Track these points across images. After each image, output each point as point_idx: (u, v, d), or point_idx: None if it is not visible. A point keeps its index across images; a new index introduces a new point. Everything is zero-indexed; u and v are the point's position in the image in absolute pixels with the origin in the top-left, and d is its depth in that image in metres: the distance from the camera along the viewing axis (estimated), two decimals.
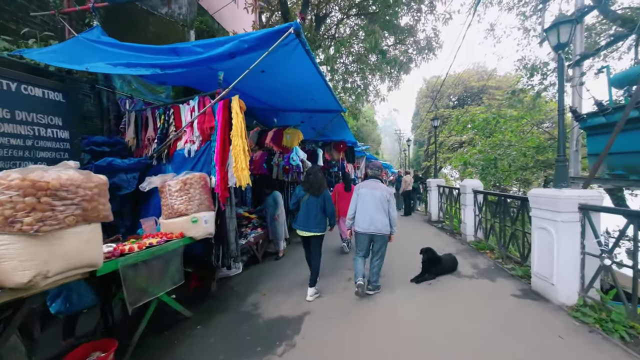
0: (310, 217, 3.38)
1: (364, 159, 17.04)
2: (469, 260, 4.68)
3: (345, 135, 9.32)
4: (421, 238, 6.39)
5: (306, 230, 3.40)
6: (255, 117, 7.17)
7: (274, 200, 4.86)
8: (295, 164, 5.35)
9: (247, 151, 3.16)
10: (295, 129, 5.72)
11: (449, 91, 22.84)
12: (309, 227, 3.38)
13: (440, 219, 8.28)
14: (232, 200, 3.38)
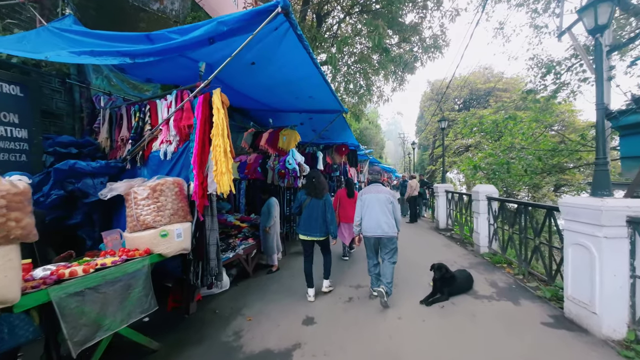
0: (313, 221, 3.37)
1: (367, 163, 16.58)
2: (485, 276, 4.15)
3: (347, 137, 8.89)
4: (429, 248, 5.86)
5: (309, 235, 3.39)
6: (253, 118, 6.78)
7: (267, 209, 4.41)
8: (291, 167, 4.90)
9: (230, 152, 2.73)
10: (292, 130, 5.29)
11: (454, 94, 22.33)
12: (312, 232, 3.37)
13: (448, 227, 7.74)
14: (212, 209, 2.93)
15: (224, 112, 2.72)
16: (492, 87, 20.36)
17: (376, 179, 3.72)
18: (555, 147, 8.18)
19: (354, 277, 4.32)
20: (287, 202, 5.31)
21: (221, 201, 5.75)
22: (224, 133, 2.70)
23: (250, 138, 5.61)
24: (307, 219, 3.40)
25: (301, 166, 5.01)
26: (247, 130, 5.70)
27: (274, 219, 4.39)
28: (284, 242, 5.45)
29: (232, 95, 5.30)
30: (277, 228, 4.51)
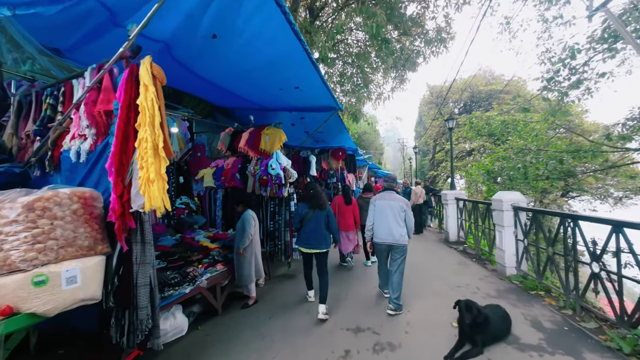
0: (318, 234, 3.31)
1: (366, 169, 15.69)
2: (522, 310, 3.22)
3: (344, 141, 8.04)
4: (442, 267, 4.92)
5: (313, 248, 3.32)
6: (238, 119, 5.93)
7: (242, 226, 3.49)
8: (274, 173, 4.01)
9: (165, 150, 1.84)
10: (277, 128, 4.42)
11: (454, 97, 21.72)
12: (317, 245, 3.30)
13: (460, 239, 6.81)
14: (144, 234, 2.02)
15: (155, 92, 1.84)
16: (494, 90, 19.72)
17: (391, 186, 3.62)
18: (578, 148, 7.35)
19: (352, 308, 3.38)
20: (270, 215, 4.40)
21: (194, 214, 4.85)
22: (153, 121, 1.81)
23: (227, 139, 4.73)
24: (311, 232, 3.32)
25: (287, 172, 4.12)
26: (225, 130, 4.83)
27: (250, 238, 3.47)
28: (267, 263, 4.51)
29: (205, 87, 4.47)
30: (255, 249, 3.58)
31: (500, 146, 11.77)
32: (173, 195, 4.51)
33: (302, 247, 3.38)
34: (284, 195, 4.15)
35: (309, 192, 3.48)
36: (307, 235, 3.33)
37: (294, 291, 4.04)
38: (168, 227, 4.31)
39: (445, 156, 21.90)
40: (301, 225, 3.39)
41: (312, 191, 3.45)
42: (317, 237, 3.30)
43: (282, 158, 4.20)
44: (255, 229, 3.59)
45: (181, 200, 4.71)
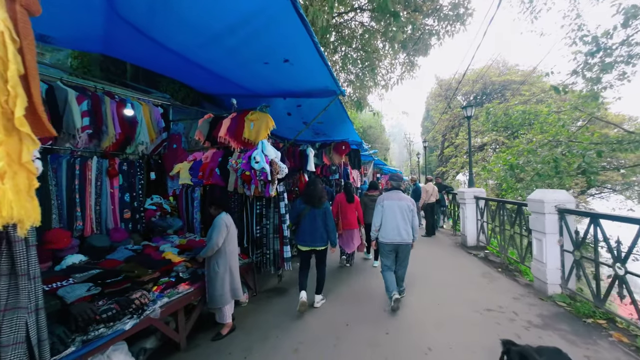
0: (314, 231, 3.29)
1: (371, 165, 14.84)
2: (585, 351, 2.39)
3: (347, 133, 7.24)
4: (463, 281, 4.10)
5: (310, 245, 3.32)
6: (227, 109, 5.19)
7: (210, 232, 2.74)
8: (259, 167, 3.23)
9: (32, 122, 1.07)
10: (263, 112, 3.63)
11: (465, 89, 20.55)
12: (313, 242, 3.30)
13: (480, 244, 5.95)
14: (14, 262, 1.26)
15: (9, 21, 1.06)
16: (508, 81, 18.51)
17: (399, 185, 3.63)
18: (620, 139, 6.37)
19: None
20: (256, 219, 3.63)
21: (168, 217, 4.11)
22: (5, 72, 1.04)
23: (206, 127, 3.96)
24: (308, 229, 3.32)
25: (274, 165, 3.33)
26: (203, 117, 4.05)
27: (217, 248, 2.71)
28: (254, 276, 3.76)
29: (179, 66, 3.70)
30: (231, 262, 2.82)
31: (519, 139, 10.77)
32: (141, 195, 3.77)
33: (300, 245, 3.38)
34: (271, 195, 3.37)
35: (307, 188, 3.44)
36: (303, 232, 3.33)
37: (283, 311, 3.29)
38: (133, 232, 3.58)
39: (454, 151, 20.82)
40: (298, 221, 3.39)
41: (310, 187, 3.40)
42: (312, 234, 3.29)
43: (269, 149, 3.41)
44: (230, 237, 2.83)
45: (152, 200, 3.97)
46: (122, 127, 3.52)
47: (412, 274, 4.46)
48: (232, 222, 2.89)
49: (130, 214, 3.58)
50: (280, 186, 3.57)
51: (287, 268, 3.57)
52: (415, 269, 4.77)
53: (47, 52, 3.57)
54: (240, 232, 3.74)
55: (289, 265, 3.59)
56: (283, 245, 3.59)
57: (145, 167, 3.99)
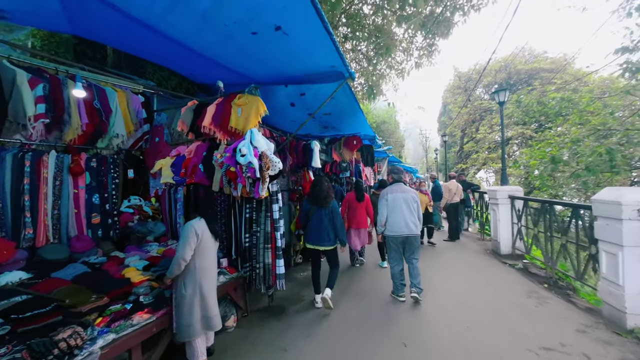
0: (322, 230, 3.22)
1: (385, 162, 13.95)
2: None
3: (358, 126, 6.51)
4: (502, 303, 3.26)
5: (318, 245, 3.25)
6: None
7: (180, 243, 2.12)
8: (244, 161, 2.58)
9: None
10: (253, 94, 2.99)
11: (487, 79, 19.06)
12: (320, 241, 3.24)
13: (516, 252, 5.04)
14: None
15: None
16: (536, 69, 16.94)
17: (400, 177, 3.65)
18: None
19: None
20: (245, 225, 2.98)
21: (150, 220, 3.57)
22: None
23: (189, 116, 3.37)
24: (315, 228, 3.26)
25: (265, 159, 2.67)
26: (187, 104, 3.46)
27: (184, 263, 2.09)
28: (244, 293, 3.12)
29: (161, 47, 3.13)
30: (201, 283, 2.18)
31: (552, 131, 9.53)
32: (115, 196, 3.24)
33: (309, 244, 3.33)
34: (262, 196, 2.71)
35: (312, 188, 3.36)
36: (311, 231, 3.29)
37: (278, 339, 2.63)
38: (103, 240, 3.05)
39: (475, 147, 19.45)
40: (307, 221, 3.34)
41: (316, 187, 3.32)
42: (319, 234, 3.24)
43: (259, 139, 2.76)
44: (202, 249, 2.20)
45: (129, 202, 3.43)
46: (90, 116, 2.99)
47: (435, 287, 3.69)
48: (207, 229, 2.26)
49: (100, 219, 3.05)
50: (274, 185, 2.91)
51: (279, 287, 2.90)
52: (439, 280, 3.99)
53: (4, 32, 3.10)
54: (229, 240, 3.12)
55: (282, 283, 2.92)
56: (276, 259, 2.93)
57: (122, 163, 3.46)
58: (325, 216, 3.23)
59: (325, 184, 3.33)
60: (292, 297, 3.61)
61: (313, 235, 3.26)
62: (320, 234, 3.22)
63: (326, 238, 3.22)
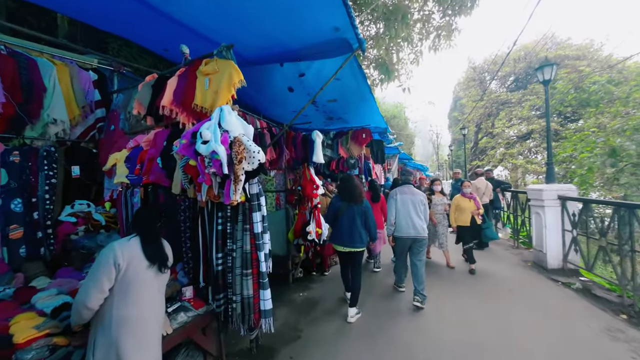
0: (354, 230, 3.01)
1: (396, 159, 12.94)
2: None
3: (369, 115, 5.66)
4: (570, 346, 2.32)
5: (350, 247, 3.03)
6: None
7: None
8: (207, 151, 1.73)
9: None
10: (223, 58, 2.13)
11: (505, 69, 17.72)
12: (352, 243, 3.01)
13: (569, 266, 4.04)
14: None
15: None
16: (561, 56, 15.55)
17: (408, 179, 3.76)
18: None
19: None
20: (217, 240, 2.13)
21: (102, 232, 2.76)
22: None
23: (147, 93, 2.53)
24: (346, 229, 3.01)
25: (237, 146, 1.81)
26: (145, 80, 2.63)
27: (109, 311, 1.26)
28: (217, 334, 2.27)
29: None
30: (121, 342, 1.32)
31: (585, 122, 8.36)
32: (49, 200, 2.44)
33: (337, 246, 3.13)
34: (234, 201, 1.85)
35: (343, 183, 3.20)
36: (341, 232, 3.05)
37: None
38: (29, 261, 2.26)
39: (492, 142, 18.17)
40: (335, 220, 3.11)
41: (347, 183, 3.13)
42: (351, 235, 3.00)
43: (231, 120, 1.89)
44: (129, 289, 1.36)
45: (72, 208, 2.63)
46: (11, 94, 2.22)
47: (475, 320, 2.74)
48: (140, 255, 1.43)
49: (24, 232, 2.26)
50: (253, 185, 2.05)
51: (265, 328, 2.04)
52: (478, 309, 3.05)
53: None
54: (195, 261, 2.28)
55: (269, 322, 2.06)
56: (259, 289, 2.07)
57: (63, 158, 2.68)
58: (358, 215, 3.02)
59: (356, 179, 3.15)
60: (285, 332, 2.75)
61: (344, 235, 3.01)
62: (352, 234, 2.99)
63: (358, 239, 3.01)
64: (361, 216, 3.04)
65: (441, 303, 3.26)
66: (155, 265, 1.51)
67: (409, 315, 3.03)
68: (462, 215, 4.24)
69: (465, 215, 4.23)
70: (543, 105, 14.72)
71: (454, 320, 2.88)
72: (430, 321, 2.87)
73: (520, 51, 17.29)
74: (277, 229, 4.16)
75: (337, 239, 3.09)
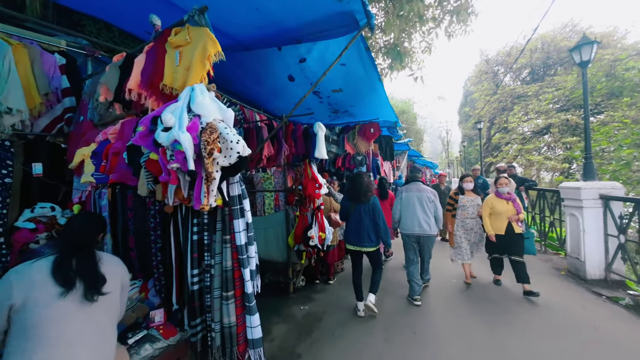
0: (362, 230, 2.94)
1: (405, 156, 12.39)
2: None
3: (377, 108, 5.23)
4: None
5: (357, 245, 2.97)
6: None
7: None
8: (167, 141, 1.31)
9: None
10: (196, 25, 1.69)
11: (521, 61, 16.81)
12: (360, 242, 2.95)
13: (613, 277, 3.48)
14: None
15: None
16: None
17: (416, 177, 3.59)
18: None
19: None
20: (192, 254, 1.72)
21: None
22: None
23: (114, 76, 2.12)
24: (355, 227, 2.98)
25: (209, 134, 1.37)
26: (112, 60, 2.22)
27: None
28: None
29: None
30: None
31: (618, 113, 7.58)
32: (3, 203, 2.08)
33: (349, 245, 3.05)
34: (205, 206, 1.42)
35: (350, 182, 3.15)
36: (350, 230, 3.01)
37: None
38: None
39: (506, 137, 17.31)
40: (346, 220, 3.10)
41: (353, 182, 3.06)
42: (359, 234, 2.94)
43: (203, 102, 1.46)
44: (35, 330, 0.95)
45: (32, 212, 2.26)
46: None
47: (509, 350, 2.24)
48: (44, 284, 1.03)
49: None
50: (235, 185, 1.62)
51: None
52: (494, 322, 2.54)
53: None
54: (167, 279, 1.87)
55: (259, 354, 1.64)
56: (245, 314, 1.64)
57: (22, 154, 2.30)
58: (366, 213, 2.94)
59: (365, 178, 3.07)
60: (282, 357, 2.33)
61: (352, 234, 2.98)
62: (359, 233, 2.93)
63: (366, 238, 2.92)
64: (369, 215, 2.93)
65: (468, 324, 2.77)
66: (75, 291, 1.09)
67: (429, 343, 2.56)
68: (497, 221, 3.41)
69: (500, 221, 3.39)
70: (562, 97, 13.86)
71: (487, 349, 2.39)
72: (460, 349, 2.39)
73: (537, 41, 16.35)
74: (275, 232, 3.74)
75: (348, 238, 3.05)
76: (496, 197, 3.50)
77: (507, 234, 3.38)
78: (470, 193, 3.82)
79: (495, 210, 3.42)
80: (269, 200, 3.89)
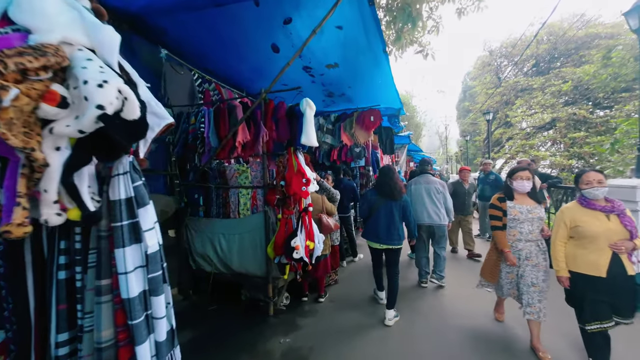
0: (391, 227, 2.78)
1: (404, 150, 11.61)
2: None
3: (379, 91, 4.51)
4: None
5: (384, 243, 2.80)
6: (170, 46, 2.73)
7: None
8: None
9: None
10: None
11: (526, 52, 16.07)
12: (389, 240, 2.78)
13: None
14: None
15: None
16: (592, 34, 13.86)
17: (425, 169, 3.66)
18: None
19: None
20: (59, 303, 0.96)
21: None
22: None
23: None
24: (384, 224, 2.79)
25: (36, 58, 0.57)
26: None
27: None
28: None
29: None
30: None
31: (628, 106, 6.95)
32: None
33: (371, 242, 2.90)
34: (23, 224, 0.64)
35: (382, 176, 2.91)
36: (375, 227, 2.82)
37: None
38: None
39: (508, 132, 16.66)
40: (369, 215, 2.87)
41: (385, 177, 2.85)
42: (389, 231, 2.77)
43: (38, 2, 0.64)
44: None
45: None
46: None
47: None
48: None
49: None
50: (118, 180, 0.81)
51: None
52: None
53: None
54: (22, 344, 1.07)
55: None
56: None
57: None
58: (397, 211, 2.78)
59: (395, 173, 2.88)
60: None
61: (381, 231, 2.78)
62: (390, 230, 2.77)
63: (396, 236, 2.78)
64: (400, 212, 2.81)
65: None
66: None
67: None
68: (589, 253, 1.86)
69: (597, 251, 1.83)
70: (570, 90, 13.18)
71: None
72: None
73: (544, 31, 15.60)
74: (252, 239, 2.96)
75: (372, 234, 2.85)
76: (581, 206, 1.94)
77: (612, 276, 1.78)
78: (525, 198, 2.31)
79: (582, 230, 1.86)
80: (245, 199, 3.11)
